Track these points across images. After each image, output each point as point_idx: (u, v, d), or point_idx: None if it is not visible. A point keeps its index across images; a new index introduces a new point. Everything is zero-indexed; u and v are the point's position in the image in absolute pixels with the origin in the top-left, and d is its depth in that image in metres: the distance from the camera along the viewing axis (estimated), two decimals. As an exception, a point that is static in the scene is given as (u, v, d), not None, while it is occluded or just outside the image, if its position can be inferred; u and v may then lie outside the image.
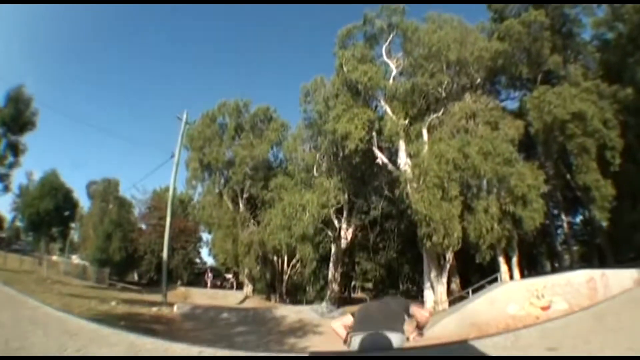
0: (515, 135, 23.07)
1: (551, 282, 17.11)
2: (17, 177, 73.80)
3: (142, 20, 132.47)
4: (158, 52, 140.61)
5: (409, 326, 3.78)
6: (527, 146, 25.60)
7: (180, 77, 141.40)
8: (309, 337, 17.36)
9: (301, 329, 19.25)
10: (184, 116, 27.30)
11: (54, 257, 49.46)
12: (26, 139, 25.57)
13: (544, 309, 16.00)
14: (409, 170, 24.40)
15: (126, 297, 24.73)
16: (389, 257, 33.21)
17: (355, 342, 3.67)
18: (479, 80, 25.55)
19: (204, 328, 18.33)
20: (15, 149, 24.75)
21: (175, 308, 21.89)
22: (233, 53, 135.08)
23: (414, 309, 3.91)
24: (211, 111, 40.24)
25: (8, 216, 66.01)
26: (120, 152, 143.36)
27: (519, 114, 25.60)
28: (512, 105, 28.42)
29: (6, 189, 25.46)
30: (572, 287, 16.44)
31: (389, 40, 28.86)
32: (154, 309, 20.43)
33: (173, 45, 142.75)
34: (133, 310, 18.10)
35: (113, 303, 19.08)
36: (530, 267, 27.79)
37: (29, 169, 48.84)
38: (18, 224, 39.57)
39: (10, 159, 24.70)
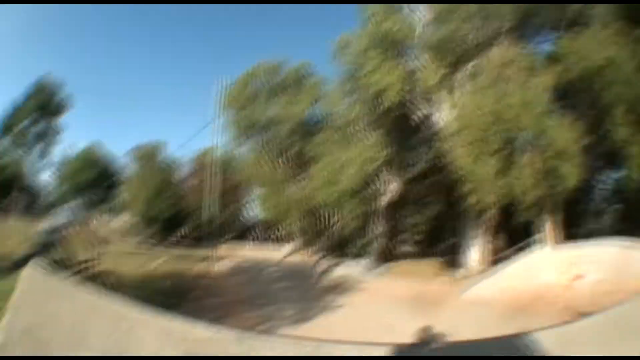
0: (553, 83, 21.86)
1: (587, 250, 16.84)
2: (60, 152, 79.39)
3: None
4: (190, 17, 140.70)
5: None
6: (564, 94, 23.98)
7: (215, 41, 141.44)
8: (349, 293, 17.90)
9: (342, 285, 19.78)
10: (222, 79, 27.86)
11: (105, 218, 52.80)
12: (66, 118, 27.27)
13: (577, 278, 15.86)
14: (449, 123, 24.05)
15: (177, 253, 25.88)
16: (434, 211, 33.11)
17: None
18: (510, 24, 24.27)
19: (246, 283, 19.38)
20: (52, 129, 26.62)
21: (222, 263, 22.99)
22: (263, 14, 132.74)
23: None
24: (249, 72, 40.32)
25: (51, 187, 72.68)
26: (164, 118, 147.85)
27: (556, 59, 24.13)
28: (548, 49, 26.78)
29: (45, 163, 27.70)
30: (608, 255, 16.06)
31: (417, -14, 27.79)
32: (203, 264, 21.78)
33: (204, 11, 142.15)
34: (176, 269, 18.97)
35: (160, 260, 20.29)
36: (572, 227, 26.83)
37: (70, 144, 51.91)
38: (63, 193, 42.17)
39: (47, 137, 26.63)
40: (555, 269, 16.75)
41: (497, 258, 23.17)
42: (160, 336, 4.19)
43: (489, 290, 16.75)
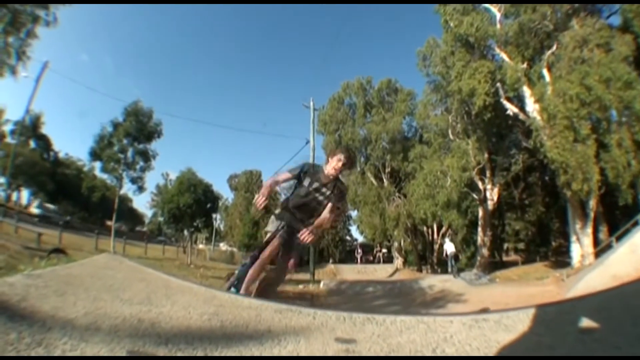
0: (629, 52, 21.00)
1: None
2: (154, 179, 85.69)
3: (251, 18, 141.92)
4: (273, 44, 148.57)
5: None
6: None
7: (300, 67, 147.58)
8: (450, 305, 17.87)
9: (443, 299, 19.65)
10: (311, 103, 29.38)
11: (200, 246, 55.91)
12: (158, 145, 29.68)
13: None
14: (537, 117, 23.75)
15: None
16: (537, 213, 31.91)
17: None
18: (576, 4, 23.66)
19: (346, 302, 19.10)
20: (144, 155, 28.95)
21: (321, 284, 23.58)
22: (343, 35, 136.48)
23: None
24: (337, 94, 42.07)
25: (148, 213, 78.74)
26: (257, 146, 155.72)
27: (625, 27, 22.92)
28: (616, 21, 25.45)
29: (140, 189, 29.61)
30: None
31: (483, -15, 28.17)
32: (300, 286, 21.94)
33: (283, 39, 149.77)
34: (279, 288, 19.90)
35: (256, 284, 21.55)
36: None
37: (165, 170, 55.86)
38: (159, 219, 44.61)
39: (140, 163, 28.90)
40: (662, 245, 15.89)
41: (602, 248, 22.03)
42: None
43: (596, 282, 16.11)
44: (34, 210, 43.97)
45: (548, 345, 2.79)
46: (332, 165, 4.41)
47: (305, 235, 4.19)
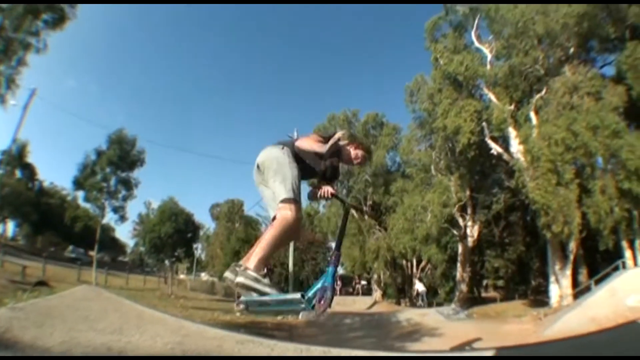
0: (619, 103, 21.43)
1: (674, 267, 16.07)
2: (136, 207, 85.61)
3: (238, 47, 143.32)
4: (257, 73, 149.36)
5: None
6: (631, 113, 22.96)
7: (284, 98, 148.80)
8: (425, 339, 17.74)
9: (419, 332, 19.55)
10: (295, 134, 29.36)
11: (181, 276, 55.25)
12: (140, 174, 29.34)
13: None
14: (521, 158, 24.12)
15: None
16: (517, 251, 32.17)
17: None
18: (572, 49, 24.32)
19: (323, 333, 18.90)
20: (127, 184, 28.59)
21: (300, 316, 23.32)
22: (330, 66, 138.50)
23: None
24: (322, 125, 41.80)
25: (130, 243, 77.55)
26: (239, 175, 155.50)
27: (618, 79, 23.58)
28: (610, 71, 26.30)
29: (122, 218, 29.16)
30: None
31: (475, 25, 28.82)
32: (279, 317, 21.39)
33: (269, 68, 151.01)
34: (257, 319, 18.78)
35: (238, 314, 20.85)
36: None
37: (148, 199, 55.75)
38: (141, 248, 44.20)
39: (123, 192, 28.49)
40: (641, 290, 16.03)
41: (580, 290, 22.26)
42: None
43: (573, 323, 16.13)
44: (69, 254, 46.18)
45: None
46: (351, 156, 4.12)
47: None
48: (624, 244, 22.49)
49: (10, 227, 56.77)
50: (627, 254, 22.35)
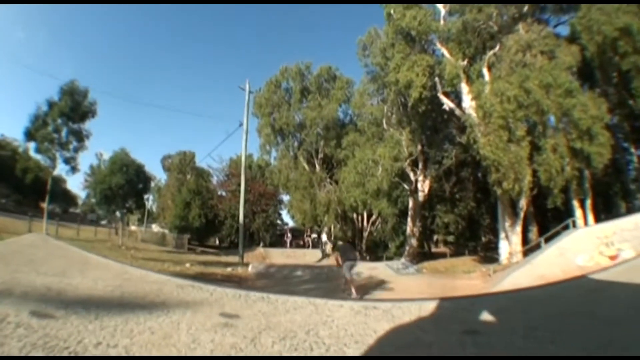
0: (573, 62, 21.49)
1: (620, 227, 16.28)
2: (88, 159, 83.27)
3: None
4: (212, 25, 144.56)
5: None
6: (585, 74, 23.67)
7: (238, 48, 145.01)
8: (375, 292, 17.67)
9: (368, 286, 19.51)
10: (247, 85, 28.27)
11: (132, 227, 54.47)
12: (91, 125, 28.26)
13: (612, 258, 15.33)
14: (473, 114, 23.92)
15: (203, 259, 26.03)
16: (467, 207, 32.63)
17: (347, 265, 13.12)
18: (526, 8, 24.02)
19: (274, 285, 18.69)
20: (78, 135, 27.43)
21: (250, 267, 22.90)
22: (284, 17, 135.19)
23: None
24: (274, 77, 41.14)
25: (81, 194, 77.25)
26: (191, 127, 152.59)
27: (572, 38, 23.69)
28: (565, 31, 26.30)
29: (73, 169, 28.21)
30: (640, 231, 15.51)
31: (430, -19, 27.96)
32: (229, 269, 21.14)
33: (226, 17, 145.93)
34: (207, 271, 18.83)
35: (187, 265, 20.26)
36: (606, 210, 25.87)
37: (99, 150, 54.08)
38: (92, 200, 43.44)
39: (74, 143, 27.37)
40: (590, 250, 16.28)
41: (530, 248, 22.65)
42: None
43: (522, 280, 16.30)
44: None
45: (426, 342, 2.66)
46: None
47: None
48: (575, 203, 22.88)
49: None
50: (578, 213, 22.77)
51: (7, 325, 2.77)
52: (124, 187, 26.75)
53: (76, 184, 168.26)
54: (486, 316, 3.12)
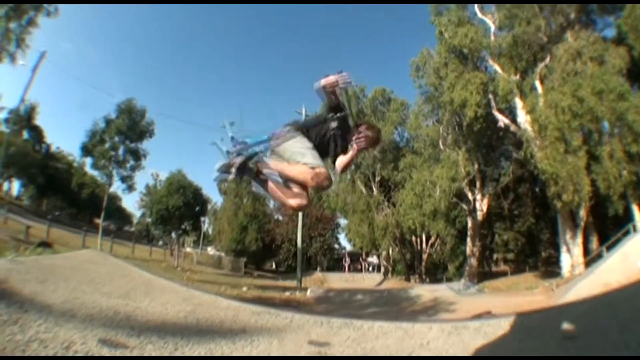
0: (622, 65, 21.11)
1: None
2: (144, 179, 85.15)
3: (251, 19, 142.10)
4: (269, 48, 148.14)
5: None
6: (634, 74, 22.97)
7: (293, 73, 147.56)
8: (439, 314, 17.46)
9: (433, 308, 19.25)
10: (303, 110, 29.17)
11: (188, 249, 55.47)
12: (149, 144, 29.52)
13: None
14: (529, 128, 23.74)
15: (260, 283, 26.21)
16: (526, 223, 31.76)
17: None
18: (573, 15, 23.98)
19: (334, 309, 18.32)
20: (135, 154, 28.62)
21: (308, 292, 23.11)
22: (338, 43, 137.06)
23: None
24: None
25: (136, 213, 77.47)
26: None
27: (619, 39, 23.38)
28: (611, 33, 25.64)
29: (129, 188, 29.29)
30: None
31: (478, -4, 28.23)
32: (287, 294, 21.37)
33: (282, 41, 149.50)
34: (265, 295, 18.90)
35: (245, 288, 20.39)
36: None
37: (155, 170, 55.26)
38: (147, 219, 44.29)
39: (131, 162, 28.56)
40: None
41: (592, 258, 21.91)
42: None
43: (586, 291, 15.87)
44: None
45: (529, 349, 2.66)
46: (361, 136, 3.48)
47: None
48: (634, 207, 22.13)
49: (15, 187, 58.28)
50: (638, 217, 21.96)
51: (73, 354, 2.48)
52: (181, 208, 27.45)
53: (131, 203, 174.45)
54: (575, 322, 3.08)
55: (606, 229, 24.58)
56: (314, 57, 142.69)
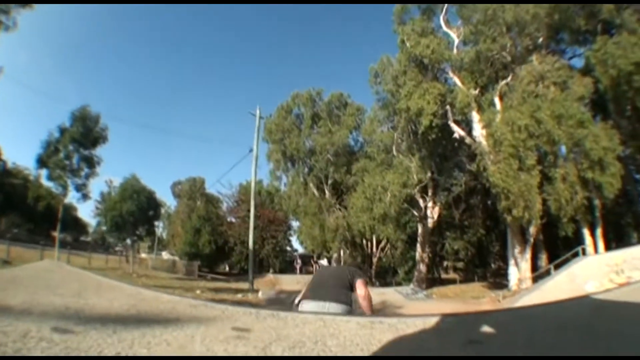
0: (585, 94, 21.59)
1: (631, 255, 16.25)
2: (98, 186, 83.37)
3: (203, 20, 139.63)
4: (223, 51, 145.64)
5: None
6: (598, 105, 23.81)
7: (249, 74, 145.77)
8: None
9: (380, 311, 19.38)
10: (257, 111, 28.69)
11: (143, 255, 54.46)
12: (102, 151, 28.43)
13: (622, 285, 15.30)
14: (483, 142, 24.12)
15: (213, 286, 26.03)
16: (477, 234, 32.61)
17: (303, 309, 4.32)
18: (541, 39, 24.47)
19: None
20: (90, 162, 27.61)
21: (260, 294, 23.04)
22: (297, 45, 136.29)
23: (358, 283, 4.34)
24: (285, 103, 41.55)
25: (92, 222, 73.27)
26: (201, 152, 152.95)
27: (586, 70, 23.87)
28: (579, 63, 26.48)
29: (84, 197, 28.28)
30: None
31: (444, 9, 28.57)
32: (239, 296, 21.56)
33: (237, 43, 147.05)
34: (217, 297, 18.85)
35: (198, 291, 20.45)
36: (617, 239, 25.77)
37: (109, 177, 53.99)
38: (103, 228, 43.35)
39: (85, 170, 27.51)
40: (599, 277, 16.23)
41: (540, 274, 22.59)
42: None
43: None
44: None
45: (427, 348, 2.81)
46: None
47: None
48: (586, 230, 22.74)
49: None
50: (588, 240, 22.63)
51: (30, 339, 2.73)
52: (134, 214, 26.85)
53: (87, 212, 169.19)
54: (488, 329, 3.25)
55: (556, 248, 25.33)
56: (275, 54, 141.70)
